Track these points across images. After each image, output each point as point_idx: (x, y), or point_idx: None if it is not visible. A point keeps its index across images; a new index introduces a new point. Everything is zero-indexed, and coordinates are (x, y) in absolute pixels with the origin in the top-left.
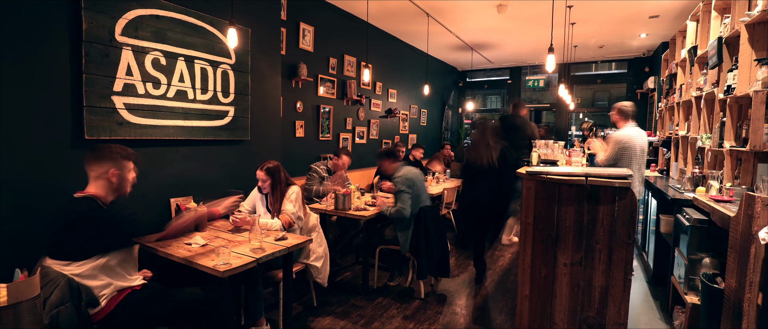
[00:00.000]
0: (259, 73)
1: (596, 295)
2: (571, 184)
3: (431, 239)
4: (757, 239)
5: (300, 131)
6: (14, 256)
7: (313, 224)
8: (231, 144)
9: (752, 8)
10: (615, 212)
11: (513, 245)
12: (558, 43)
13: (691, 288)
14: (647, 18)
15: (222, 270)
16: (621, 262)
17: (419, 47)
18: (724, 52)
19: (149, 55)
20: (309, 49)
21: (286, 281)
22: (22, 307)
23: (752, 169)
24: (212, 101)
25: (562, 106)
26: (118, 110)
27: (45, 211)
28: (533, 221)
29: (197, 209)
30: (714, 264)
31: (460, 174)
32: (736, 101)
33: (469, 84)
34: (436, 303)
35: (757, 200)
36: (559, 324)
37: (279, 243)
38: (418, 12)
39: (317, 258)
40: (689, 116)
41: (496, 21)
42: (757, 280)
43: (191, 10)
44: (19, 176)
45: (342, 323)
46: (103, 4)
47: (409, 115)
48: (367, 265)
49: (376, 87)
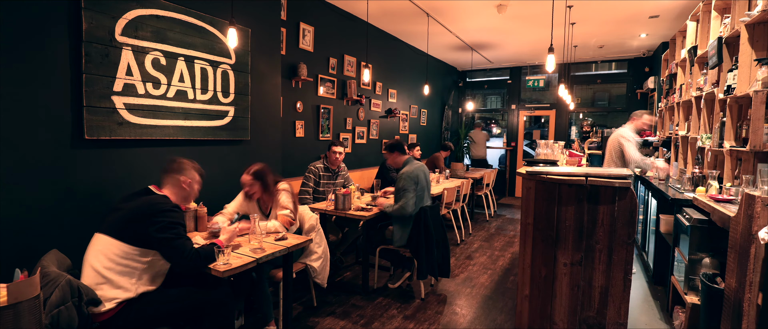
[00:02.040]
0: (259, 73)
1: (596, 295)
2: (571, 184)
3: (431, 240)
4: (757, 239)
5: (300, 131)
6: (14, 256)
7: (312, 224)
8: (231, 144)
9: (752, 8)
10: (615, 212)
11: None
12: (558, 43)
13: (691, 288)
14: (647, 18)
15: (222, 270)
16: (621, 262)
17: (419, 47)
18: (724, 52)
19: (149, 55)
20: (309, 49)
21: (286, 281)
22: (22, 307)
23: (752, 169)
24: (212, 101)
25: (562, 106)
26: (118, 110)
27: (45, 211)
28: (533, 221)
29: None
30: (714, 264)
31: None
32: (736, 101)
33: (469, 84)
34: (437, 303)
35: (757, 200)
36: (559, 324)
37: (279, 243)
38: (418, 12)
39: (317, 258)
40: (689, 116)
41: (496, 21)
42: (757, 280)
43: (191, 10)
44: (19, 176)
45: (342, 323)
46: (103, 4)
47: (409, 115)
48: (367, 265)
49: (376, 87)
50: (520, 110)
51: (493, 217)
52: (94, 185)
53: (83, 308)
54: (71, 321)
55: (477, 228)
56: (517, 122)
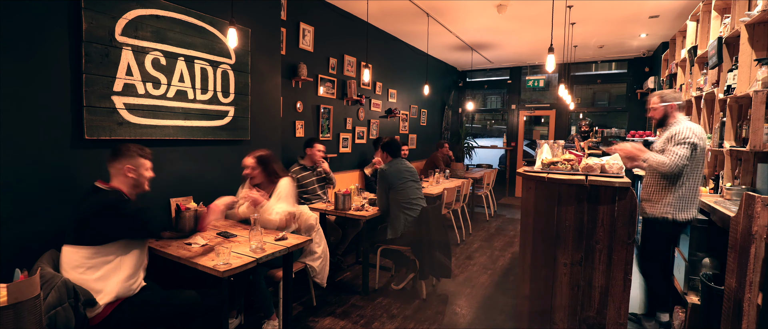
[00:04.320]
0: (259, 73)
1: (596, 295)
2: (571, 184)
3: (433, 240)
4: (757, 239)
5: (300, 131)
6: (14, 256)
7: (312, 224)
8: (231, 144)
9: (752, 8)
10: (615, 212)
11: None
12: (558, 43)
13: (691, 288)
14: (647, 18)
15: (222, 270)
16: (621, 262)
17: (419, 47)
18: (724, 52)
19: (149, 55)
20: (309, 49)
21: (286, 281)
22: (22, 307)
23: (752, 169)
24: (212, 101)
25: (562, 106)
26: (118, 110)
27: (45, 211)
28: (533, 221)
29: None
30: (714, 264)
31: None
32: (736, 101)
33: (469, 84)
34: (437, 303)
35: (757, 200)
36: (559, 324)
37: (279, 243)
38: (418, 12)
39: (316, 258)
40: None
41: (496, 21)
42: (757, 280)
43: (191, 10)
44: (19, 176)
45: (342, 323)
46: (103, 4)
47: (409, 115)
48: (367, 265)
49: (376, 87)
50: (520, 110)
51: (493, 217)
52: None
53: (80, 309)
54: (68, 322)
55: (477, 228)
56: (517, 122)
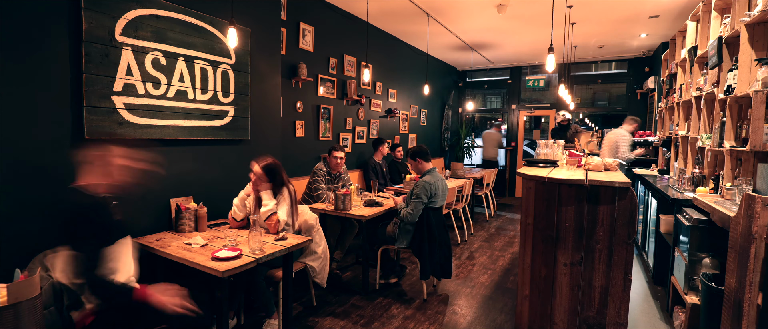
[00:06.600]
0: (259, 73)
1: (596, 295)
2: (571, 184)
3: (434, 240)
4: (757, 239)
5: (300, 131)
6: (14, 256)
7: (312, 224)
8: (231, 144)
9: (752, 8)
10: (615, 212)
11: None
12: (558, 43)
13: (691, 288)
14: (647, 18)
15: (222, 270)
16: (621, 262)
17: (419, 47)
18: (724, 52)
19: (149, 55)
20: (309, 49)
21: (286, 281)
22: (22, 307)
23: (752, 169)
24: (212, 101)
25: (562, 106)
26: (118, 110)
27: (45, 211)
28: (533, 221)
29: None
30: (714, 264)
31: None
32: (736, 101)
33: (469, 84)
34: (437, 303)
35: (757, 200)
36: (559, 324)
37: (279, 243)
38: (418, 12)
39: (316, 258)
40: (689, 116)
41: (496, 21)
42: (757, 280)
43: (191, 10)
44: (19, 176)
45: (342, 323)
46: (103, 4)
47: (409, 115)
48: (367, 265)
49: (376, 87)
50: (520, 110)
51: (493, 217)
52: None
53: (64, 312)
54: (55, 324)
55: (477, 228)
56: (517, 122)
